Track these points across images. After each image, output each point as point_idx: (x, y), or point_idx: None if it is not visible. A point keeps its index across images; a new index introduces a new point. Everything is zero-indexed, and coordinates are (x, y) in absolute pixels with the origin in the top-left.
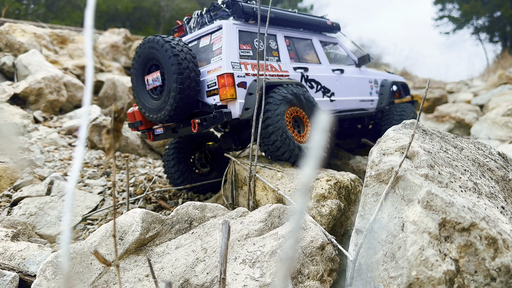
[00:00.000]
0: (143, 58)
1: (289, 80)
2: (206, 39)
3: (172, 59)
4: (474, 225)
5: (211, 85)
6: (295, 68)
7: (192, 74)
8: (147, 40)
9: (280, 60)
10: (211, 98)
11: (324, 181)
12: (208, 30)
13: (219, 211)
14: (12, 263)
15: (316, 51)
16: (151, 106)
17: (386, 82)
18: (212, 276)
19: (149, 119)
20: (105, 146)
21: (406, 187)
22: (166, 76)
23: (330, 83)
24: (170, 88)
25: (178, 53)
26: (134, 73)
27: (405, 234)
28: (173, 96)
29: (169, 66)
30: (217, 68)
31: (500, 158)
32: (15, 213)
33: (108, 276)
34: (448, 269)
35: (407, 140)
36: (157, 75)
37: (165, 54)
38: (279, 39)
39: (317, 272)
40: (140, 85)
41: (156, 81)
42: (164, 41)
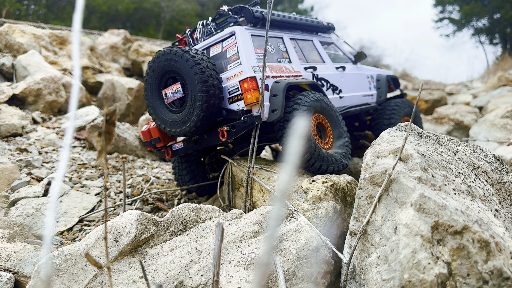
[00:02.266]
0: (159, 71)
1: (306, 80)
2: (217, 47)
3: (195, 68)
4: (467, 228)
5: (233, 91)
6: (306, 68)
7: (216, 82)
8: (161, 53)
9: (291, 61)
10: (235, 104)
11: (320, 183)
12: (219, 38)
13: (215, 213)
14: (8, 264)
15: (318, 51)
16: (173, 120)
17: (381, 76)
18: (207, 278)
19: (170, 133)
20: (96, 149)
21: (399, 189)
22: (189, 87)
23: (337, 81)
24: (195, 98)
25: (200, 61)
26: (149, 89)
27: (397, 237)
28: (199, 106)
29: (191, 76)
30: (237, 73)
31: (496, 161)
32: (12, 214)
33: (103, 278)
34: (440, 272)
35: (400, 142)
36: (177, 87)
37: (186, 64)
38: (286, 41)
39: (311, 274)
40: (156, 100)
41: (176, 93)
42: (183, 51)
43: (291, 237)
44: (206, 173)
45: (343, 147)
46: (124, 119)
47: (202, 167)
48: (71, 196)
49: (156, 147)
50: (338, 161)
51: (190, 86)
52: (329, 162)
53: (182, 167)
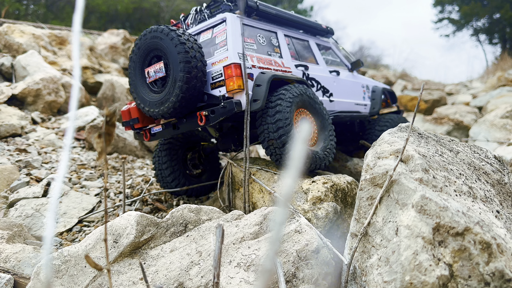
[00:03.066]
0: (144, 49)
1: (294, 76)
2: (207, 33)
3: (178, 47)
4: (468, 230)
5: (217, 76)
6: (297, 66)
7: (199, 64)
8: (149, 30)
9: (282, 56)
10: (217, 90)
11: (321, 183)
12: (210, 24)
13: (215, 214)
14: (7, 265)
15: (313, 52)
16: (152, 100)
17: (377, 88)
18: (207, 280)
19: (149, 114)
20: (96, 150)
21: (401, 191)
22: (171, 66)
23: (329, 84)
24: (175, 77)
25: (185, 41)
26: (133, 66)
27: (399, 238)
28: (179, 86)
29: (175, 54)
30: (223, 59)
31: (496, 162)
32: (11, 215)
33: (102, 279)
34: (441, 274)
35: (402, 143)
36: (160, 66)
37: (171, 42)
38: (280, 36)
39: (312, 275)
40: (139, 78)
41: (158, 72)
42: (169, 29)
43: (292, 238)
44: (188, 169)
45: (327, 143)
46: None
47: (184, 163)
48: (70, 196)
49: (134, 128)
50: (322, 159)
51: (173, 65)
52: (314, 160)
53: (163, 161)
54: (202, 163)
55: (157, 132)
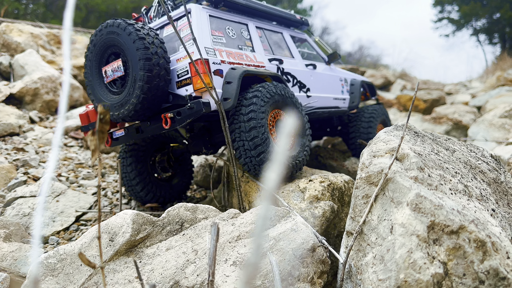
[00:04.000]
0: (100, 46)
1: (268, 71)
2: (170, 26)
3: (137, 43)
4: (463, 228)
5: (182, 74)
6: (270, 60)
7: (162, 61)
8: (105, 25)
9: (254, 50)
10: (183, 89)
11: (318, 182)
12: (174, 17)
13: (211, 213)
14: (3, 264)
15: (288, 45)
16: (112, 102)
17: (355, 81)
18: (202, 278)
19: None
20: (90, 148)
21: (396, 189)
22: (130, 64)
23: (305, 78)
24: (136, 77)
25: (144, 36)
26: (89, 65)
27: (393, 236)
28: (139, 86)
29: (133, 51)
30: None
31: (493, 161)
32: (8, 214)
33: (98, 278)
34: (436, 272)
35: (397, 142)
36: (118, 65)
37: (129, 38)
38: (251, 29)
39: (308, 274)
40: (96, 78)
41: (117, 71)
42: (126, 23)
43: (288, 236)
44: (157, 173)
45: (304, 142)
46: None
47: (152, 167)
48: (67, 195)
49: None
50: (301, 162)
51: (132, 63)
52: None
53: (127, 164)
54: (172, 166)
55: (119, 137)
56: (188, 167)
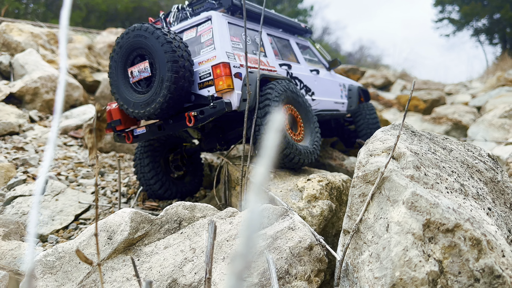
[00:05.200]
0: (127, 48)
1: (280, 75)
2: (191, 32)
3: (165, 46)
4: (459, 226)
5: (205, 76)
6: (281, 65)
7: (187, 63)
8: (132, 28)
9: (267, 56)
10: (205, 90)
11: (316, 181)
12: (194, 23)
13: (209, 211)
14: (2, 262)
15: (294, 51)
16: (137, 101)
17: (353, 86)
18: (200, 276)
19: (133, 115)
20: (87, 146)
21: (392, 188)
22: (158, 66)
23: (310, 83)
24: (163, 77)
25: (172, 40)
26: (114, 66)
27: (389, 234)
28: (166, 87)
29: (161, 54)
30: (210, 58)
31: (490, 160)
32: (7, 212)
33: (96, 276)
34: (431, 270)
35: (394, 141)
36: (144, 66)
37: (157, 41)
38: (263, 35)
39: (305, 272)
40: (121, 78)
41: (143, 72)
42: (154, 28)
43: (285, 235)
44: (170, 172)
45: (314, 138)
46: None
47: (166, 165)
48: (67, 194)
49: (116, 130)
50: (312, 153)
51: (159, 65)
52: (305, 155)
53: (145, 163)
54: (185, 165)
55: (140, 134)
56: (199, 166)
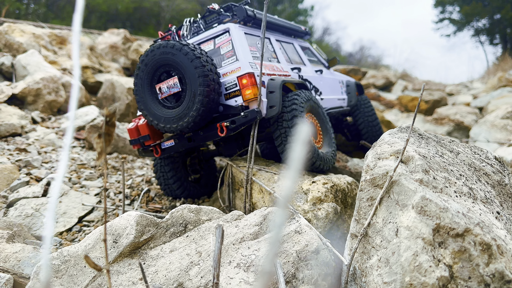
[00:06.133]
0: (152, 66)
1: (297, 79)
2: (208, 44)
3: (195, 62)
4: (468, 231)
5: (231, 87)
6: (292, 69)
7: (215, 76)
8: (157, 46)
9: (279, 61)
10: (232, 100)
11: (321, 184)
12: (211, 35)
13: (214, 214)
14: (6, 265)
15: (299, 54)
16: (168, 116)
17: (350, 82)
18: (206, 280)
19: (164, 130)
20: (96, 150)
21: (401, 192)
22: (188, 81)
23: (317, 83)
24: (195, 92)
25: (200, 55)
26: (140, 84)
27: (399, 239)
28: (200, 100)
29: (191, 69)
30: (235, 69)
31: (497, 163)
32: (11, 215)
33: (102, 279)
34: (441, 275)
35: (402, 144)
36: (174, 82)
37: (185, 57)
38: (273, 42)
39: (312, 276)
40: (148, 95)
41: (173, 88)
42: (181, 44)
43: (292, 239)
44: (188, 174)
45: (331, 145)
46: (123, 119)
47: (184, 168)
48: (70, 196)
49: (144, 145)
50: (330, 160)
51: (190, 80)
52: (325, 161)
53: (166, 169)
54: (203, 168)
55: (168, 147)
56: (213, 169)
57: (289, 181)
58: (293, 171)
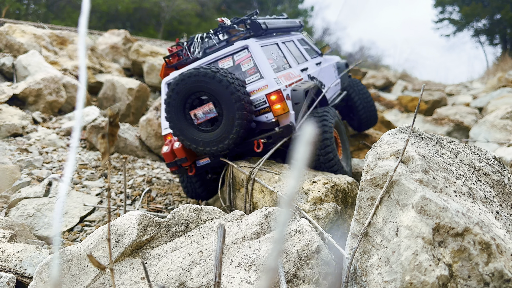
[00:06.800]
0: (185, 93)
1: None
2: (227, 61)
3: (230, 88)
4: (468, 230)
5: (260, 104)
6: (302, 70)
7: (247, 98)
8: (187, 75)
9: (291, 66)
10: (262, 116)
11: (321, 184)
12: (229, 52)
13: (216, 214)
14: (9, 265)
15: (300, 49)
16: (207, 139)
17: (340, 64)
18: (208, 279)
19: (203, 152)
20: (100, 151)
21: (401, 191)
22: (224, 106)
23: (320, 76)
24: (232, 117)
25: (233, 81)
26: (173, 111)
27: (399, 238)
28: (238, 124)
29: (227, 96)
30: (262, 87)
31: (496, 163)
32: (12, 215)
33: (104, 279)
34: (441, 274)
35: (402, 144)
36: (209, 108)
37: (220, 85)
38: (281, 46)
39: (313, 275)
40: (183, 121)
41: (209, 113)
42: (213, 72)
43: (292, 238)
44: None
45: (348, 158)
46: (124, 120)
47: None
48: (71, 196)
49: (181, 166)
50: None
51: (226, 106)
52: (342, 172)
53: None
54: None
55: (204, 165)
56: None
57: (294, 180)
58: (297, 171)
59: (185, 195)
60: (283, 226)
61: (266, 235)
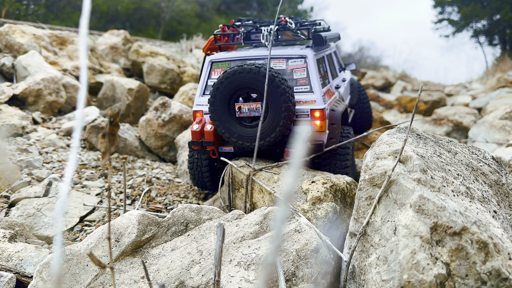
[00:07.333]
0: (237, 86)
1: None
2: (280, 62)
3: (280, 89)
4: (466, 229)
5: (301, 115)
6: (336, 88)
7: (294, 108)
8: (247, 70)
9: (329, 82)
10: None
11: (320, 184)
12: (285, 55)
13: (215, 214)
14: (9, 264)
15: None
16: (244, 134)
17: (353, 80)
18: (207, 278)
19: (235, 145)
20: (100, 150)
21: (399, 191)
22: (272, 105)
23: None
24: (278, 118)
25: (288, 89)
26: (219, 97)
27: (397, 237)
28: (283, 124)
29: (276, 96)
30: (309, 101)
31: (494, 163)
32: (12, 214)
33: (104, 278)
34: (439, 273)
35: (400, 144)
36: (256, 106)
37: (276, 90)
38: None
39: (311, 274)
40: (225, 110)
41: (254, 111)
42: (273, 75)
43: (291, 237)
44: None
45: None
46: (124, 120)
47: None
48: (71, 196)
49: (205, 148)
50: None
51: (274, 111)
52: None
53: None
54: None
55: (226, 152)
56: None
57: (290, 180)
58: (294, 169)
59: (184, 195)
60: (281, 224)
61: (265, 234)
